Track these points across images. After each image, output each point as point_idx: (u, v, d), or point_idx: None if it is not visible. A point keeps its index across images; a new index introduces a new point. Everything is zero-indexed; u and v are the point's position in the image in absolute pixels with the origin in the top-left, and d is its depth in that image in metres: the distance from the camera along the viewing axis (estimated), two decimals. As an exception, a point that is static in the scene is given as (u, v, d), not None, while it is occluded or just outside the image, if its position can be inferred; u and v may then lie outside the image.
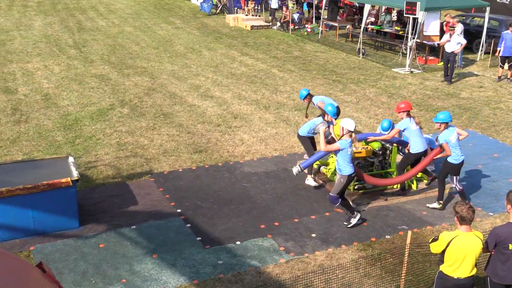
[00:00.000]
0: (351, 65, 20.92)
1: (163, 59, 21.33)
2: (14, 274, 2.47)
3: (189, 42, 24.77)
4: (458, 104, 16.23)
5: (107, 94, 16.42)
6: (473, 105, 16.14)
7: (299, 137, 10.89)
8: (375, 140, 10.40)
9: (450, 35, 18.41)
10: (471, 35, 23.03)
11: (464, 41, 18.47)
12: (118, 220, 9.36)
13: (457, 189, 9.80)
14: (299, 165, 9.84)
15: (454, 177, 9.71)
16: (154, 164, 11.58)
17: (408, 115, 9.93)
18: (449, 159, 9.57)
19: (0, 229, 8.55)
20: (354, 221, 9.19)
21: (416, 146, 9.91)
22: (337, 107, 10.45)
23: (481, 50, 22.66)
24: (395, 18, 25.70)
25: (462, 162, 9.63)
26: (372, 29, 25.53)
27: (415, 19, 19.99)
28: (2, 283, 2.33)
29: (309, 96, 11.44)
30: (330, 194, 9.13)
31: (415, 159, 9.97)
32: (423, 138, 10.03)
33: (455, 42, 18.31)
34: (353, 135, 8.85)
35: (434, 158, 9.70)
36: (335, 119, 10.26)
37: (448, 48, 18.50)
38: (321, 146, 9.09)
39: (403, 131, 9.98)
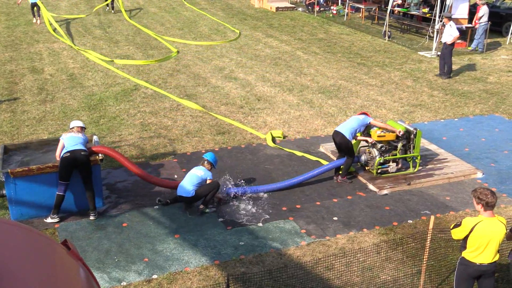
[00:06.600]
0: (377, 48, 20.68)
1: (188, 40, 21.31)
2: (39, 250, 2.51)
3: (214, 23, 24.71)
4: (485, 88, 15.95)
5: (132, 75, 16.50)
6: (501, 90, 15.84)
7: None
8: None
9: (444, 24, 17.00)
10: (501, 18, 22.59)
11: (456, 34, 16.75)
12: (141, 200, 9.46)
13: None
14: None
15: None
16: (177, 145, 11.65)
17: None
18: None
19: (27, 207, 8.72)
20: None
21: None
22: None
23: (511, 34, 22.18)
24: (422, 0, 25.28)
25: None
26: (399, 12, 25.13)
27: (443, 1, 19.61)
28: (27, 260, 2.37)
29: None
30: None
31: None
32: None
33: (447, 33, 16.81)
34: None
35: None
36: None
37: (443, 39, 17.11)
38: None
39: None
